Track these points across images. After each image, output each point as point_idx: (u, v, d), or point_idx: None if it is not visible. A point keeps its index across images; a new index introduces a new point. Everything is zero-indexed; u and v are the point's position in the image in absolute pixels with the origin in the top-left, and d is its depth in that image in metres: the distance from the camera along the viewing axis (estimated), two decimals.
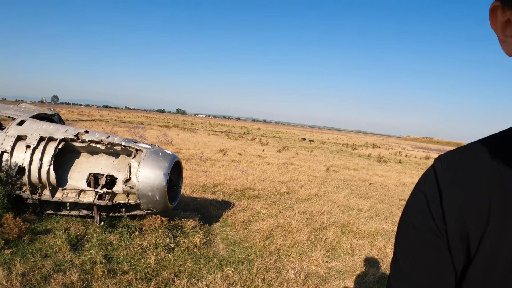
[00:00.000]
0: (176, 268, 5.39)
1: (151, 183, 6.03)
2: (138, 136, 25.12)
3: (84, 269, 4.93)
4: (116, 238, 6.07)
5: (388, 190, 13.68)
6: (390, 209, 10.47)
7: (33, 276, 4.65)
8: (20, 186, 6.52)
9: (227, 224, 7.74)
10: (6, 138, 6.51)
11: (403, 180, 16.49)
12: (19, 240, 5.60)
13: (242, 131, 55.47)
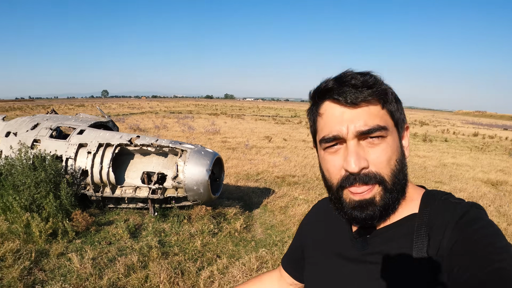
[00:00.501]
0: (218, 250, 6.31)
1: (195, 178, 6.92)
2: (187, 127, 25.82)
3: (142, 252, 6.02)
4: (168, 226, 7.15)
5: (427, 172, 13.52)
6: None
7: (101, 259, 5.82)
8: (85, 186, 7.71)
9: (266, 210, 8.54)
10: (70, 146, 7.74)
11: (444, 161, 16.04)
12: (87, 231, 6.81)
13: (290, 114, 53.96)
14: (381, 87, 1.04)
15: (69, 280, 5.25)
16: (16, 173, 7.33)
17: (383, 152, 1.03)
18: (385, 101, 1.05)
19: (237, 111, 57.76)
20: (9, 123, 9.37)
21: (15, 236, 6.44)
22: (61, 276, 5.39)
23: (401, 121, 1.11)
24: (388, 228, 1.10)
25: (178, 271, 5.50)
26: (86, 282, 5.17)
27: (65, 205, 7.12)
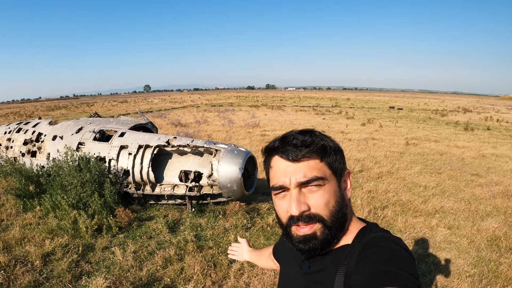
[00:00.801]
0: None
1: (229, 176, 7.27)
2: (227, 121, 25.85)
3: (179, 246, 6.48)
4: (204, 221, 7.60)
5: (464, 164, 12.87)
6: (457, 185, 10.15)
7: (141, 253, 6.34)
8: (127, 184, 8.29)
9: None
10: (112, 148, 8.35)
11: (484, 151, 15.20)
12: (129, 227, 7.38)
13: (331, 103, 52.15)
14: (319, 144, 1.28)
15: (112, 272, 5.78)
16: (64, 174, 7.97)
17: (321, 197, 1.26)
18: (323, 156, 1.28)
19: (277, 102, 56.86)
20: (55, 127, 10.11)
21: (63, 231, 7.09)
22: (105, 268, 5.94)
23: (340, 169, 1.33)
24: (325, 254, 1.35)
25: (211, 264, 5.89)
26: (128, 273, 5.68)
27: (109, 202, 7.71)
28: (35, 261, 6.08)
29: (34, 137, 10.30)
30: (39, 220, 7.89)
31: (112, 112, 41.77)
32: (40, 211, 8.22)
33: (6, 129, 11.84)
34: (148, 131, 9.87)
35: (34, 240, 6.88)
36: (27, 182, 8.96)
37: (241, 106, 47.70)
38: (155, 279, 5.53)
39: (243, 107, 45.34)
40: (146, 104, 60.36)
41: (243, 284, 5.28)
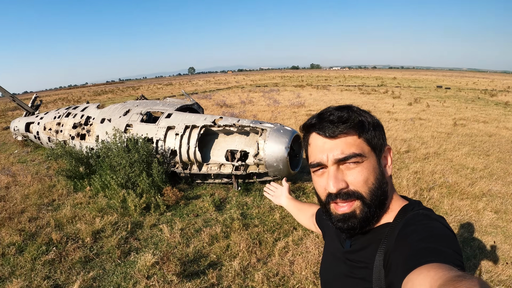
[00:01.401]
0: (295, 222, 6.64)
1: (275, 155, 7.32)
2: (272, 101, 25.75)
3: (225, 224, 6.63)
4: (250, 199, 7.75)
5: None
6: (506, 168, 9.80)
7: (188, 230, 6.55)
8: (174, 164, 8.51)
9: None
10: (159, 129, 8.58)
11: None
12: (176, 205, 7.60)
13: (376, 83, 50.43)
14: (356, 120, 1.26)
15: (160, 248, 6.01)
16: (112, 155, 8.28)
17: (359, 174, 1.25)
18: (361, 132, 1.27)
19: (322, 82, 55.68)
20: (103, 110, 10.47)
21: (113, 210, 7.39)
22: (153, 244, 6.17)
23: (380, 145, 1.32)
24: (366, 233, 1.34)
25: (257, 241, 6.01)
26: (175, 249, 5.88)
27: (156, 182, 7.96)
28: (86, 238, 6.40)
29: (83, 121, 10.70)
30: (89, 199, 8.26)
31: (157, 95, 42.54)
32: (90, 191, 8.59)
33: (56, 114, 12.35)
34: (194, 112, 10.06)
35: (85, 218, 7.22)
36: (77, 163, 9.36)
37: (286, 86, 47.18)
38: (202, 256, 5.69)
39: (288, 87, 44.83)
40: (191, 86, 60.92)
41: (288, 262, 5.35)
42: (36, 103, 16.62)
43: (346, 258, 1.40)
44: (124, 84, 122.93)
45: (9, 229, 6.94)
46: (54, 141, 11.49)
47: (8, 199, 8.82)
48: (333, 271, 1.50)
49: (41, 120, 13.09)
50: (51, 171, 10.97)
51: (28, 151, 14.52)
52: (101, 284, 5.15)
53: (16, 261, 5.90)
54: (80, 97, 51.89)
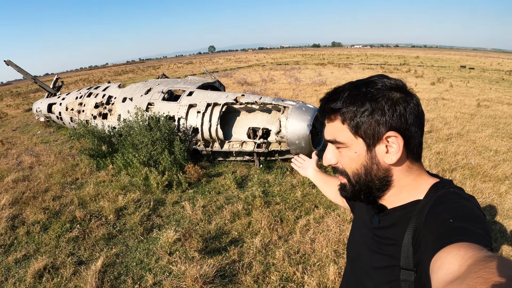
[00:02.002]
0: (317, 200, 6.72)
1: (297, 133, 7.36)
2: (293, 79, 25.53)
3: (247, 201, 6.72)
4: (271, 177, 7.79)
5: None
6: None
7: (210, 207, 6.65)
8: (196, 142, 8.62)
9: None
10: (181, 107, 8.67)
11: None
12: (198, 182, 7.71)
13: (399, 61, 48.96)
14: (337, 106, 1.25)
15: (182, 225, 6.14)
16: (134, 133, 8.42)
17: (344, 157, 1.31)
18: (344, 119, 1.25)
19: (344, 60, 54.21)
20: (124, 89, 10.62)
21: (135, 188, 7.54)
22: (175, 221, 6.30)
23: (373, 134, 1.23)
24: (395, 209, 1.32)
25: (278, 219, 6.08)
26: (197, 226, 6.01)
27: (178, 159, 8.09)
28: (109, 216, 6.56)
29: (105, 100, 10.86)
30: (111, 177, 8.43)
31: (178, 74, 42.60)
32: (112, 169, 8.78)
33: (77, 94, 12.56)
34: (215, 89, 10.14)
35: (108, 196, 7.39)
36: (100, 142, 9.52)
37: (307, 64, 46.48)
38: (223, 233, 5.80)
39: (309, 65, 44.18)
40: (212, 64, 60.64)
41: (309, 240, 5.41)
42: (57, 84, 16.89)
43: (374, 234, 1.40)
44: (144, 63, 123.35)
45: (34, 207, 7.15)
46: (76, 121, 11.69)
47: (32, 178, 9.05)
48: (360, 246, 1.51)
49: (63, 101, 13.31)
50: (74, 150, 11.17)
51: (50, 131, 14.80)
52: (124, 260, 5.30)
53: (41, 238, 6.09)
54: (101, 78, 52.26)
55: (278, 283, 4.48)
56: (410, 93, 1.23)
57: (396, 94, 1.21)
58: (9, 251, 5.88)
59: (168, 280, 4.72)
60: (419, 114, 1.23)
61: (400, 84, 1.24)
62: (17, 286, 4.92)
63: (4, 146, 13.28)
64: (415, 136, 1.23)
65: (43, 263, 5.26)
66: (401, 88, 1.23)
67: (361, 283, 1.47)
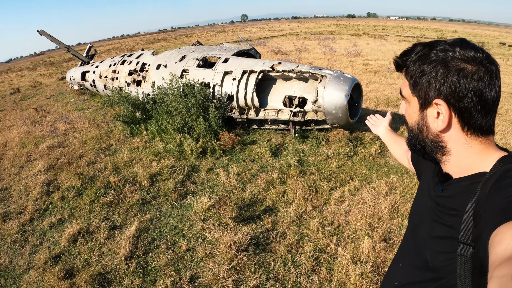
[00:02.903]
0: (352, 172, 6.69)
1: (334, 103, 7.26)
2: (328, 49, 25.12)
3: (281, 170, 6.71)
4: (307, 146, 7.76)
5: None
6: None
7: (244, 175, 6.69)
8: (231, 109, 8.63)
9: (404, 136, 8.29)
10: (216, 74, 8.66)
11: None
12: (232, 150, 7.75)
13: (436, 35, 47.01)
14: (405, 65, 1.33)
15: (216, 192, 6.20)
16: (169, 100, 8.47)
17: (406, 110, 1.41)
18: (407, 76, 1.34)
19: (379, 31, 52.89)
20: (158, 56, 10.66)
21: (169, 154, 7.62)
22: (209, 188, 6.37)
23: (424, 95, 1.27)
24: (460, 180, 1.31)
25: (313, 189, 6.06)
26: (231, 194, 6.05)
27: (213, 126, 8.12)
28: (143, 181, 6.67)
29: (139, 67, 10.94)
30: (145, 144, 8.55)
31: (210, 42, 42.41)
32: (146, 136, 8.88)
33: (111, 62, 12.70)
34: (251, 57, 10.05)
35: (142, 162, 7.50)
36: (134, 109, 9.63)
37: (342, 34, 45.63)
38: (257, 201, 5.83)
39: (344, 35, 43.39)
40: (245, 33, 60.10)
41: (343, 212, 5.39)
42: (90, 53, 17.16)
43: (436, 203, 1.40)
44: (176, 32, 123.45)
45: (68, 173, 7.33)
46: (110, 88, 11.83)
47: (66, 145, 9.26)
48: (422, 213, 1.50)
49: (97, 69, 13.50)
50: (107, 117, 11.36)
51: (84, 99, 15.06)
52: (158, 225, 5.42)
53: (75, 203, 6.27)
54: (133, 46, 52.72)
55: (311, 253, 4.49)
56: (483, 67, 1.16)
57: (459, 64, 1.17)
58: (44, 215, 6.09)
59: (202, 246, 4.79)
60: (481, 89, 1.16)
61: (474, 56, 1.17)
62: (51, 250, 5.08)
63: (38, 114, 13.61)
64: (471, 110, 1.19)
65: (77, 227, 5.42)
66: (473, 59, 1.16)
67: (418, 250, 1.49)
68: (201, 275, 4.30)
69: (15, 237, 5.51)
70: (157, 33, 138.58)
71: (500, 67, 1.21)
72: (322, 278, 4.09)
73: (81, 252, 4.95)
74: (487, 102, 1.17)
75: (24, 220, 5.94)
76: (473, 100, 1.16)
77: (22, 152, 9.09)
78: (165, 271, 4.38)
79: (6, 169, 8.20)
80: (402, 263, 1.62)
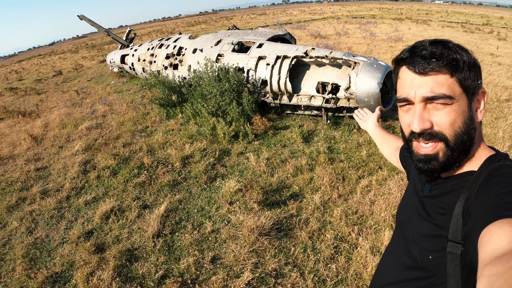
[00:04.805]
0: (382, 161, 6.63)
1: (366, 90, 7.23)
2: (368, 33, 24.70)
3: (311, 156, 6.79)
4: (338, 134, 7.79)
5: None
6: None
7: (274, 160, 6.81)
8: (264, 94, 8.74)
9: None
10: (250, 59, 8.77)
11: None
12: (264, 134, 7.87)
13: (481, 21, 44.89)
14: (450, 57, 1.20)
15: (245, 175, 6.36)
16: (204, 84, 8.65)
17: (446, 115, 1.21)
18: (454, 71, 1.20)
19: (423, 16, 51.28)
20: (194, 40, 10.85)
21: (202, 137, 7.84)
22: (238, 172, 6.54)
23: (473, 87, 1.24)
24: (448, 179, 1.33)
25: (340, 177, 6.10)
26: (259, 178, 6.19)
27: (246, 111, 8.27)
28: (175, 163, 6.90)
29: (176, 51, 11.18)
30: (180, 126, 8.79)
31: (251, 25, 42.69)
32: (181, 119, 9.13)
33: (149, 46, 12.99)
34: (286, 42, 10.11)
35: (175, 144, 7.74)
36: (170, 92, 9.88)
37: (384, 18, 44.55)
38: (284, 186, 5.94)
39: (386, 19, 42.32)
40: (285, 16, 60.02)
41: (368, 201, 5.41)
42: (130, 36, 17.51)
43: (424, 203, 1.41)
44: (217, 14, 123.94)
45: (105, 153, 7.64)
46: (148, 72, 12.13)
47: (104, 126, 9.61)
48: (411, 213, 1.51)
49: (136, 52, 13.84)
50: (145, 100, 11.67)
51: (123, 81, 15.48)
52: (186, 206, 5.64)
53: (110, 182, 6.58)
54: (174, 29, 53.23)
55: (331, 241, 4.56)
56: None
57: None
58: (80, 193, 6.43)
59: (226, 228, 4.96)
60: None
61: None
62: (85, 226, 5.40)
63: (79, 96, 14.10)
64: None
65: (110, 205, 5.72)
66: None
67: (407, 249, 1.49)
68: (223, 256, 4.47)
69: (52, 213, 5.86)
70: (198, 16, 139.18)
71: None
72: (340, 266, 4.17)
73: (112, 229, 5.24)
74: None
75: (61, 197, 6.31)
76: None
77: (62, 133, 9.52)
78: (189, 251, 4.59)
79: (47, 149, 8.62)
80: (391, 262, 1.64)
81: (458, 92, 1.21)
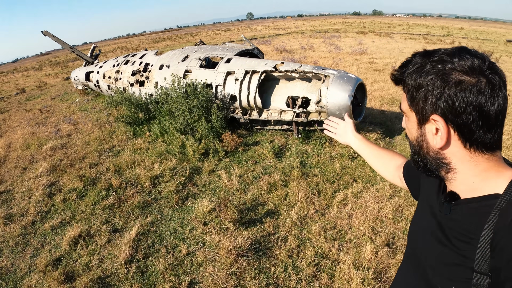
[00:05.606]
0: (356, 174, 6.61)
1: (337, 103, 7.18)
2: (333, 47, 25.00)
3: (284, 172, 6.64)
4: (310, 148, 7.69)
5: None
6: None
7: (246, 177, 6.63)
8: (233, 109, 8.58)
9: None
10: (219, 75, 8.62)
11: None
12: (235, 151, 7.69)
13: (442, 32, 46.79)
14: (401, 77, 1.26)
15: (217, 194, 6.16)
16: (171, 101, 8.45)
17: (407, 125, 1.34)
18: (405, 89, 1.26)
19: (385, 29, 51.95)
20: (161, 57, 10.66)
21: (172, 155, 7.59)
22: (211, 190, 6.33)
23: (421, 110, 1.21)
24: (469, 200, 1.21)
25: (315, 191, 6.01)
26: (232, 196, 6.01)
27: (216, 127, 8.08)
28: (145, 183, 6.65)
29: (142, 68, 10.95)
30: (148, 145, 8.53)
31: (216, 41, 42.51)
32: (149, 137, 8.86)
33: (114, 62, 12.75)
34: (254, 57, 10.02)
35: (144, 164, 7.48)
36: (137, 109, 9.63)
37: (347, 32, 45.39)
38: (259, 204, 5.79)
39: (349, 33, 43.10)
40: (250, 31, 60.43)
41: (346, 215, 5.33)
42: (95, 53, 17.29)
43: (443, 225, 1.29)
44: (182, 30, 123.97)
45: (71, 175, 7.34)
46: (113, 89, 11.84)
47: (69, 146, 9.29)
48: (427, 236, 1.39)
49: (101, 69, 13.53)
50: (111, 118, 11.37)
51: (88, 99, 15.11)
52: (159, 228, 5.41)
53: (77, 206, 6.27)
54: (139, 45, 52.95)
55: (312, 259, 4.45)
56: (485, 78, 1.08)
57: (457, 76, 1.09)
58: (46, 218, 6.11)
59: (202, 250, 4.77)
60: (481, 103, 1.07)
61: (474, 66, 1.09)
62: (52, 253, 5.10)
63: (43, 115, 13.67)
64: (471, 126, 1.11)
65: (78, 230, 5.43)
66: (472, 70, 1.08)
67: (424, 277, 1.39)
68: (200, 280, 4.28)
69: (16, 240, 5.53)
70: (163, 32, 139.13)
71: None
72: (323, 284, 4.05)
73: (82, 256, 4.95)
74: (489, 116, 1.09)
75: (26, 222, 5.97)
76: (473, 115, 1.09)
77: (25, 154, 9.13)
78: (164, 276, 4.37)
79: (10, 171, 8.24)
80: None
81: (408, 109, 1.27)
